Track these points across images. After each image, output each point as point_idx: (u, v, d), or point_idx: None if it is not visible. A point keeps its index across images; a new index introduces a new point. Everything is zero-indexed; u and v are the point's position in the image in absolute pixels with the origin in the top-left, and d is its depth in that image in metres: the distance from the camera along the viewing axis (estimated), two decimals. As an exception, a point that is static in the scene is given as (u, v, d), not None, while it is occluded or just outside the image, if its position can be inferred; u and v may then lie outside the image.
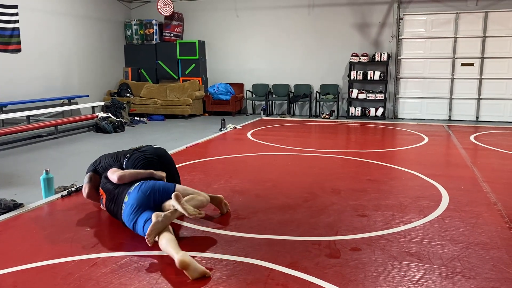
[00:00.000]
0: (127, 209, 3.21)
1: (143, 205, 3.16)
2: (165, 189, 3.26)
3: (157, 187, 3.27)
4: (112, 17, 11.37)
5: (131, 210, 3.17)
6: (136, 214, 3.14)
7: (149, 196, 3.20)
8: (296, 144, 6.90)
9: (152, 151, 3.80)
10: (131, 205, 3.19)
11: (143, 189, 3.23)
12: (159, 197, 3.22)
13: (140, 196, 3.20)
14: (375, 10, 10.25)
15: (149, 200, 3.19)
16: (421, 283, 2.54)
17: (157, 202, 3.21)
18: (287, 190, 4.38)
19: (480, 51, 9.66)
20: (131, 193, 3.25)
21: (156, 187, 3.26)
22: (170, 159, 3.93)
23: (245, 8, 11.18)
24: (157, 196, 3.21)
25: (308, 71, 10.97)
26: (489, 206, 3.88)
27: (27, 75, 8.85)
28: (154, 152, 3.80)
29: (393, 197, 4.17)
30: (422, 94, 10.17)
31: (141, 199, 3.18)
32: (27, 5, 8.75)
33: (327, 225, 3.45)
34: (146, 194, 3.20)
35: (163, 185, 3.30)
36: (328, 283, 2.53)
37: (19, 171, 5.46)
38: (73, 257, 2.90)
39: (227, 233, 3.29)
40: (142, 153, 3.71)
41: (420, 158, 5.89)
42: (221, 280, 2.58)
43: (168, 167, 3.79)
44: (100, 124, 8.43)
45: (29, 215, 3.73)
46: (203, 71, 11.55)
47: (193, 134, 8.15)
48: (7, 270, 2.71)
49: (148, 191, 3.21)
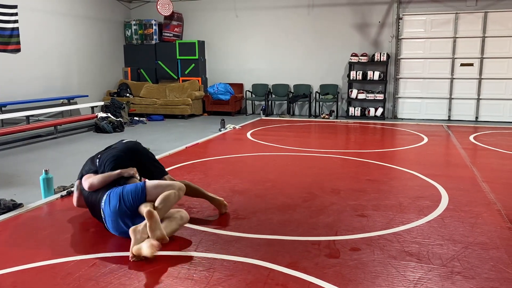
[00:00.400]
0: (109, 225, 3.17)
1: (120, 217, 3.10)
2: (134, 194, 3.11)
3: (125, 195, 3.10)
4: (112, 17, 11.37)
5: (113, 225, 3.13)
6: (119, 226, 3.11)
7: (121, 208, 3.08)
8: (296, 144, 6.90)
9: (121, 147, 3.58)
10: (111, 221, 3.13)
11: (112, 203, 3.11)
12: (130, 204, 3.09)
13: (113, 211, 3.10)
14: (374, 10, 10.25)
15: (123, 211, 3.08)
16: (420, 283, 2.54)
17: (132, 208, 3.09)
18: (287, 190, 4.38)
19: (480, 51, 9.66)
20: (104, 209, 3.16)
21: (123, 196, 3.10)
22: (143, 151, 3.68)
23: (245, 8, 11.18)
24: (128, 204, 3.09)
25: (307, 71, 10.97)
26: (489, 206, 3.89)
27: (27, 75, 8.85)
28: (123, 148, 3.57)
29: (392, 197, 4.17)
30: (421, 94, 10.17)
31: (115, 214, 3.10)
32: (27, 5, 8.75)
33: (326, 225, 3.45)
34: (117, 208, 3.09)
35: (132, 190, 3.13)
36: (327, 283, 2.53)
37: (18, 171, 5.46)
38: (72, 257, 2.90)
39: (226, 233, 3.29)
40: (110, 152, 3.52)
41: (419, 158, 5.90)
42: (221, 280, 2.58)
43: (140, 160, 3.56)
44: (99, 124, 8.43)
45: (28, 215, 3.73)
46: (203, 71, 11.55)
47: (192, 134, 8.15)
48: (7, 270, 2.71)
49: (117, 205, 3.09)
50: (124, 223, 3.10)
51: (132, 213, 3.10)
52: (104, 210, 3.17)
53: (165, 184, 3.25)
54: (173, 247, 3.04)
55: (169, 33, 11.46)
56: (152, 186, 3.17)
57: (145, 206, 3.05)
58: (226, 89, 10.94)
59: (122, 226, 3.11)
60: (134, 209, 3.10)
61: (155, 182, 3.26)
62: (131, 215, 3.10)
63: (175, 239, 3.17)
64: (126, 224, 3.10)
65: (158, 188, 3.16)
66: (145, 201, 3.11)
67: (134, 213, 3.10)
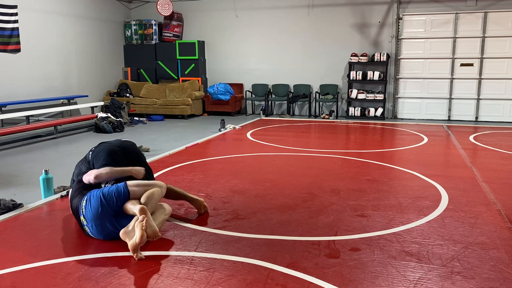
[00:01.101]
0: (92, 230, 3.13)
1: (102, 219, 3.06)
2: (117, 194, 3.09)
3: (108, 196, 3.08)
4: (112, 17, 11.37)
5: (97, 229, 3.10)
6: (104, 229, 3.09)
7: (103, 210, 3.05)
8: (296, 144, 6.90)
9: (117, 143, 3.60)
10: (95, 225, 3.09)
11: (93, 207, 3.07)
12: (114, 205, 3.07)
13: (95, 215, 3.06)
14: (374, 10, 10.25)
15: (106, 212, 3.06)
16: (420, 283, 2.54)
17: (115, 209, 3.08)
18: (287, 190, 4.38)
19: (480, 51, 9.66)
20: (86, 214, 3.12)
21: (105, 198, 3.07)
22: (138, 153, 3.69)
23: (245, 8, 11.19)
24: (112, 205, 3.06)
25: (307, 71, 10.98)
26: (489, 206, 3.89)
27: (27, 75, 8.85)
28: (119, 144, 3.59)
29: (392, 197, 4.17)
30: (421, 94, 10.17)
31: (98, 217, 3.06)
32: (27, 5, 8.75)
33: (326, 225, 3.45)
34: (99, 211, 3.05)
35: (113, 191, 3.10)
36: (327, 283, 2.53)
37: (18, 171, 5.46)
38: (72, 257, 2.90)
39: (226, 233, 3.29)
40: (105, 145, 3.52)
41: (419, 158, 5.90)
42: (221, 280, 2.58)
43: (134, 161, 3.55)
44: (99, 124, 8.43)
45: (28, 215, 3.73)
46: (203, 71, 11.55)
47: (192, 134, 8.15)
48: (6, 270, 2.71)
49: (99, 208, 3.05)
50: (109, 223, 3.08)
51: (116, 213, 3.09)
52: (86, 215, 3.12)
53: (147, 182, 3.26)
54: (173, 247, 3.04)
55: (169, 33, 11.46)
56: (134, 184, 3.17)
57: (132, 204, 3.06)
58: (226, 89, 10.94)
59: (108, 227, 3.09)
60: (119, 208, 3.09)
61: (136, 181, 3.24)
62: (115, 216, 3.09)
63: (175, 239, 3.17)
64: (112, 224, 3.09)
65: (140, 186, 3.18)
66: (128, 199, 3.10)
67: (117, 213, 3.10)
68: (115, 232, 3.09)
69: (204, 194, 4.27)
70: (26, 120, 7.93)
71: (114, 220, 3.09)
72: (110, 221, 3.09)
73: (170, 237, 3.21)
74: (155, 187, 3.23)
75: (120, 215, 3.11)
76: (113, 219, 3.09)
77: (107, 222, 3.08)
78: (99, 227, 3.10)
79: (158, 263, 2.80)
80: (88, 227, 3.15)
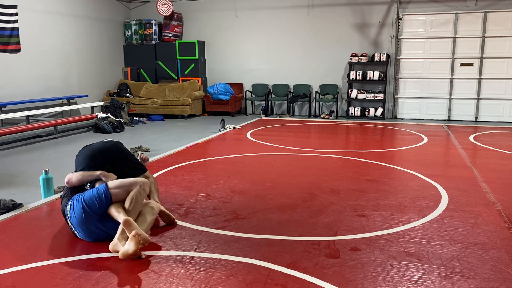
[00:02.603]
0: (80, 234, 3.13)
1: (88, 223, 3.05)
2: (98, 198, 3.05)
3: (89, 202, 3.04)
4: (112, 17, 11.37)
5: (84, 233, 3.09)
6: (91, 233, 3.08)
7: (87, 215, 3.03)
8: (296, 144, 6.90)
9: (98, 146, 3.50)
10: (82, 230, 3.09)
11: (77, 213, 3.05)
12: (98, 209, 3.04)
13: (79, 221, 3.05)
14: (374, 10, 10.25)
15: (91, 217, 3.04)
16: (420, 283, 2.54)
17: (100, 212, 3.05)
18: (286, 190, 4.38)
19: (479, 51, 9.66)
20: (71, 219, 3.11)
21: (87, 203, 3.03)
22: (121, 152, 3.55)
23: (245, 8, 11.19)
24: (95, 209, 3.03)
25: (307, 71, 10.97)
26: (489, 206, 3.89)
27: (27, 75, 8.85)
28: (99, 147, 3.48)
29: (392, 197, 4.17)
30: (421, 94, 10.17)
31: (83, 223, 3.05)
32: (27, 5, 8.75)
33: (326, 225, 3.45)
34: (83, 217, 3.03)
35: (94, 196, 3.05)
36: (327, 283, 2.53)
37: (18, 171, 5.46)
38: (72, 257, 2.90)
39: (226, 233, 3.29)
40: (85, 150, 3.47)
41: (419, 158, 5.90)
42: (221, 280, 2.58)
43: (114, 161, 3.43)
44: (99, 124, 8.43)
45: (28, 215, 3.73)
46: (203, 71, 11.55)
47: (192, 134, 8.15)
48: (6, 271, 2.71)
49: (82, 214, 3.03)
50: (95, 227, 3.07)
51: (100, 217, 3.07)
52: (71, 219, 3.11)
53: (128, 182, 3.16)
54: (173, 247, 3.04)
55: (169, 33, 11.46)
56: (115, 186, 3.11)
57: (115, 208, 3.03)
58: (226, 89, 10.93)
59: (94, 231, 3.08)
60: (102, 212, 3.06)
61: (117, 181, 3.17)
62: (99, 219, 3.07)
63: (175, 239, 3.17)
64: (98, 228, 3.07)
65: (121, 187, 3.12)
66: (111, 203, 3.07)
67: (102, 216, 3.07)
68: (103, 234, 3.08)
69: (204, 194, 4.28)
70: (26, 120, 7.93)
71: (99, 224, 3.07)
72: (96, 226, 3.07)
73: (170, 237, 3.21)
74: (136, 187, 3.14)
75: (106, 217, 3.08)
76: (98, 224, 3.07)
77: (92, 226, 3.06)
78: (85, 232, 3.09)
79: (158, 263, 2.80)
80: (76, 231, 3.15)
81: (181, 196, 4.19)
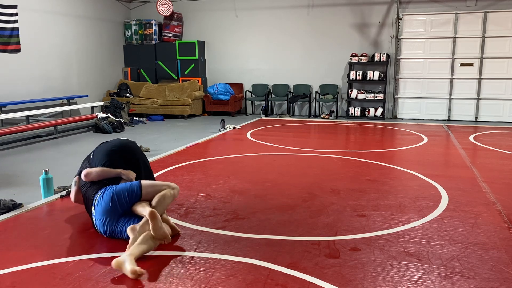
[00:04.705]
0: (98, 222, 3.15)
1: (111, 215, 3.08)
2: (130, 192, 3.10)
3: (119, 194, 3.08)
4: (112, 17, 11.37)
5: (101, 223, 3.12)
6: (109, 226, 3.10)
7: (114, 206, 3.07)
8: (296, 144, 6.90)
9: (115, 142, 3.56)
10: (100, 219, 3.12)
11: (105, 201, 3.09)
12: (125, 203, 3.08)
13: (104, 208, 3.08)
14: (374, 10, 10.26)
15: (116, 210, 3.07)
16: (420, 283, 2.54)
17: (126, 207, 3.09)
18: (286, 190, 4.38)
19: (479, 51, 9.66)
20: (97, 206, 3.14)
21: (117, 195, 3.08)
22: (137, 152, 3.62)
23: (245, 8, 11.19)
24: (122, 202, 3.07)
25: (307, 71, 10.98)
26: (489, 206, 3.89)
27: (27, 75, 8.85)
28: (117, 143, 3.54)
29: (392, 197, 4.17)
30: (421, 94, 10.17)
31: (107, 211, 3.08)
32: (27, 5, 8.75)
33: (326, 225, 3.45)
34: (109, 206, 3.07)
35: (126, 189, 3.11)
36: (327, 283, 2.53)
37: (18, 171, 5.46)
38: (72, 257, 2.90)
39: (226, 233, 3.29)
40: (104, 146, 3.51)
41: (419, 158, 5.90)
42: (221, 280, 2.58)
43: (132, 161, 3.50)
44: (99, 124, 8.43)
45: (28, 215, 3.73)
46: (203, 71, 11.55)
47: (192, 134, 8.15)
48: (6, 271, 2.71)
49: (110, 204, 3.07)
50: (115, 223, 3.09)
51: (124, 212, 3.09)
52: (96, 207, 3.15)
53: (160, 183, 3.25)
54: (173, 247, 3.04)
55: (169, 33, 11.46)
56: (149, 185, 3.17)
57: (141, 206, 3.05)
58: (226, 89, 10.93)
59: (111, 225, 3.09)
60: (128, 207, 3.09)
61: (150, 181, 3.26)
62: (123, 215, 3.09)
63: (175, 240, 3.17)
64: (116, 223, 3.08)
65: (154, 187, 3.17)
66: (139, 200, 3.11)
67: (126, 212, 3.10)
68: (117, 233, 3.09)
69: (204, 194, 4.28)
70: (26, 120, 7.93)
71: (120, 221, 3.08)
72: (117, 220, 3.09)
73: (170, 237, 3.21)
74: (168, 189, 3.20)
75: (126, 216, 3.09)
76: (119, 221, 3.08)
77: (113, 220, 3.09)
78: (104, 223, 3.11)
79: (158, 263, 2.80)
80: (96, 219, 3.17)
81: (181, 196, 4.19)
